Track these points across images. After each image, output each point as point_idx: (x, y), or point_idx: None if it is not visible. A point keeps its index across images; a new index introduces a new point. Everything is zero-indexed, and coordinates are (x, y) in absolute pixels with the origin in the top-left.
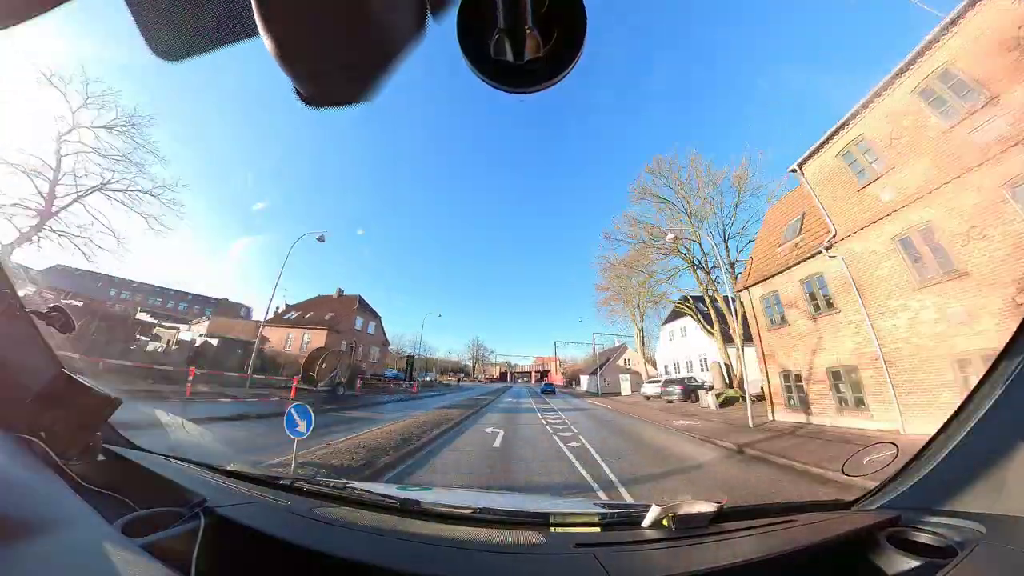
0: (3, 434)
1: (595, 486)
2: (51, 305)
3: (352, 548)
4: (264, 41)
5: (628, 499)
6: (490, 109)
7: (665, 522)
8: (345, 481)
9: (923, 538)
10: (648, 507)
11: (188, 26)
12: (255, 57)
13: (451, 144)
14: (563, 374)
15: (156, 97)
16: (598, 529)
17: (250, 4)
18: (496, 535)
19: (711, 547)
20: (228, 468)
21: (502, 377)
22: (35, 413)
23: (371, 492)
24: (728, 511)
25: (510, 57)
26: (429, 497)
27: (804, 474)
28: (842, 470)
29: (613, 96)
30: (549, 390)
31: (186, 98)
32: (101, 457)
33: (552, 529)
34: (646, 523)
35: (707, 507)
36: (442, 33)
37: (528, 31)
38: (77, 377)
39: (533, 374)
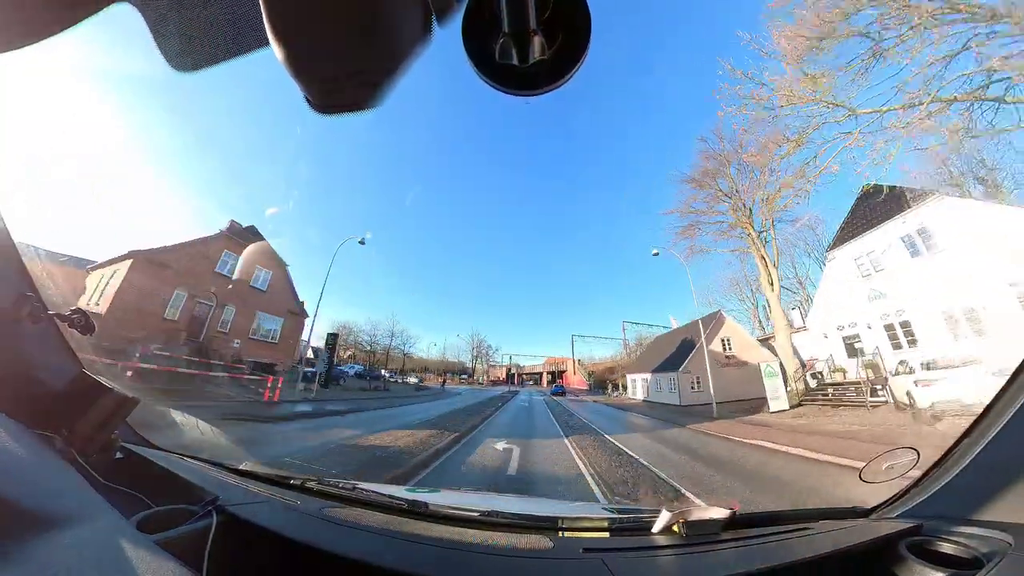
0: (27, 431)
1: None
2: (72, 308)
3: (360, 549)
4: (274, 51)
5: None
6: (496, 111)
7: (675, 528)
8: (354, 482)
9: (946, 548)
10: (658, 512)
11: (201, 38)
12: (267, 67)
13: (456, 145)
14: (589, 374)
15: (174, 107)
16: (607, 534)
17: (261, 16)
18: (504, 538)
19: (722, 554)
20: (240, 467)
21: (509, 379)
22: (57, 411)
23: (379, 493)
24: (740, 518)
25: (515, 60)
26: (437, 499)
27: None
28: (860, 476)
29: (620, 96)
30: (559, 392)
31: (202, 108)
32: (119, 455)
33: (560, 534)
34: (656, 529)
35: (719, 513)
36: (447, 38)
37: (533, 33)
38: (97, 377)
39: (544, 376)
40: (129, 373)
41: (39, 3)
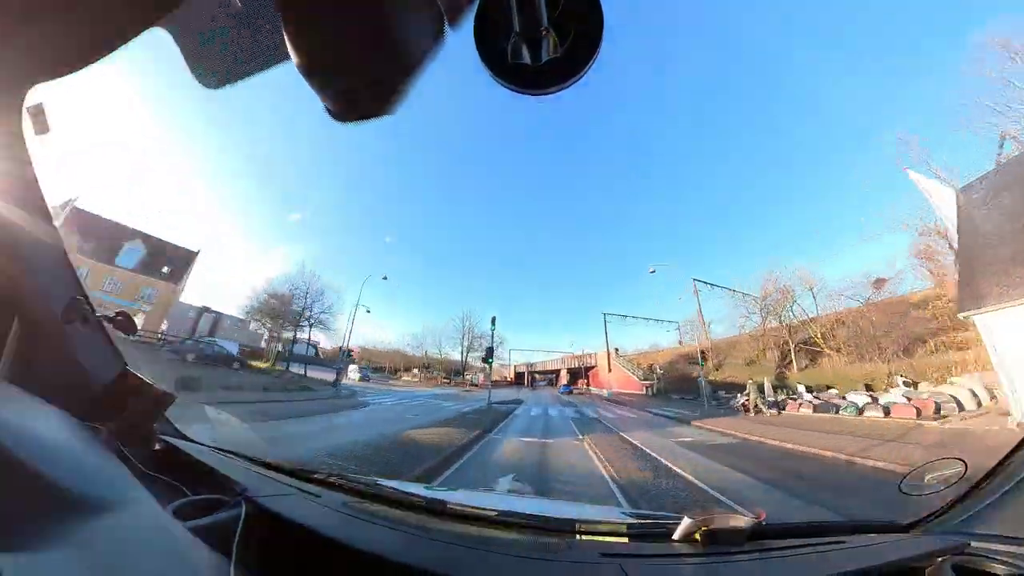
0: (77, 422)
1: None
2: (117, 310)
3: (378, 543)
4: (295, 64)
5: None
6: (510, 111)
7: (697, 536)
8: (375, 479)
9: (997, 569)
10: (679, 519)
11: (228, 56)
12: (286, 79)
13: (468, 145)
14: (647, 370)
15: (208, 121)
16: (625, 539)
17: (281, 31)
18: (521, 539)
19: (746, 566)
20: (267, 461)
21: (518, 379)
22: (103, 405)
23: (399, 491)
24: (767, 528)
25: (528, 60)
26: (455, 498)
27: None
28: (899, 487)
29: (635, 93)
30: (567, 391)
31: (228, 121)
32: (158, 446)
33: (577, 536)
34: (676, 536)
35: (743, 522)
36: (459, 41)
37: (544, 32)
38: (139, 374)
39: (563, 374)
40: None
41: (82, 32)
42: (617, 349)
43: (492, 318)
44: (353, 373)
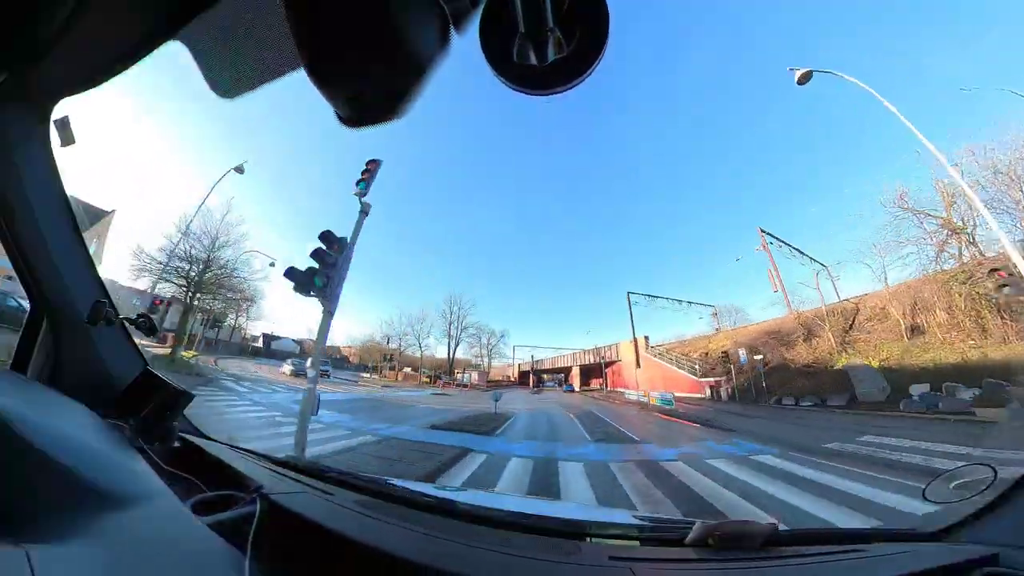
0: (100, 420)
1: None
2: (139, 313)
3: (389, 542)
4: (306, 72)
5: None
6: (516, 110)
7: (710, 541)
8: (386, 478)
9: None
10: (691, 523)
11: (240, 66)
12: (299, 87)
13: (477, 144)
14: (700, 364)
15: (223, 131)
16: (636, 543)
17: (290, 40)
18: (529, 541)
19: (760, 572)
20: (281, 459)
21: (522, 378)
22: (125, 403)
23: (410, 490)
24: (783, 534)
25: (533, 60)
26: (465, 498)
27: None
28: (923, 495)
29: (642, 91)
30: (569, 391)
31: (241, 128)
32: (177, 444)
33: (587, 540)
34: (688, 541)
35: (758, 528)
36: (465, 43)
37: (550, 32)
38: (159, 374)
39: (576, 371)
40: None
41: (104, 48)
42: (647, 337)
43: (368, 165)
44: (286, 367)
